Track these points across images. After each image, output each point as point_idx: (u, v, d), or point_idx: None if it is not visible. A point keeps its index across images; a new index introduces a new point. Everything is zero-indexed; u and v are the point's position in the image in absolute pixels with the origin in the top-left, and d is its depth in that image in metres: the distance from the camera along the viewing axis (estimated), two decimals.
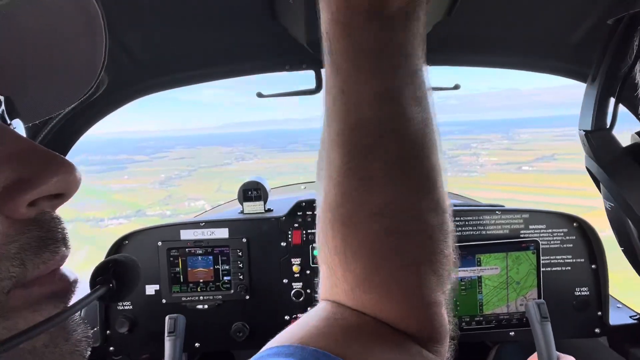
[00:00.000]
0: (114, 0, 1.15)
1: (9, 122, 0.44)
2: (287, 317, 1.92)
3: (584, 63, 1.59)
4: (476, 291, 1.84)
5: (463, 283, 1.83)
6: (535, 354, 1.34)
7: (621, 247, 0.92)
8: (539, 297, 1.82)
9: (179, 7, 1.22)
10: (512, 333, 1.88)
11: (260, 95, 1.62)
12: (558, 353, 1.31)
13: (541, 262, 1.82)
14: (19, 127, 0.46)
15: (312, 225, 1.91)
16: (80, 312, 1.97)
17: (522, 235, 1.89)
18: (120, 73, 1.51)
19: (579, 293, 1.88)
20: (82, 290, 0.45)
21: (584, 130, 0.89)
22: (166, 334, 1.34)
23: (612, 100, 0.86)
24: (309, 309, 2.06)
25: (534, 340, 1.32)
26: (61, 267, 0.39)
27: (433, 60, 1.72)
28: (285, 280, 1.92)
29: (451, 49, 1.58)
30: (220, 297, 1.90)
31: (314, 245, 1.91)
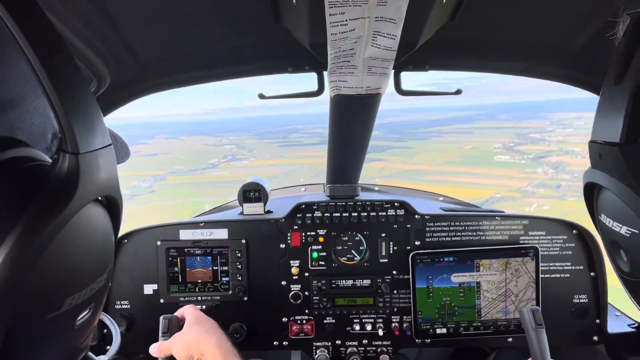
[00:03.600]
0: (120, 1, 1.15)
1: None
2: (284, 319, 1.91)
3: (586, 70, 1.59)
4: (474, 297, 1.83)
5: (462, 289, 1.83)
6: None
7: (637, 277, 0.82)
8: (537, 304, 1.82)
9: (183, 9, 1.23)
10: (510, 339, 1.88)
11: (262, 96, 1.62)
12: (552, 359, 1.31)
13: (540, 268, 1.82)
14: None
15: (312, 227, 1.92)
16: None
17: (521, 242, 1.89)
18: (123, 73, 1.51)
19: (578, 300, 1.88)
20: None
21: (606, 142, 0.78)
22: (160, 334, 1.33)
23: None
24: (306, 311, 2.06)
25: (529, 347, 1.32)
26: None
27: (436, 64, 1.73)
28: (283, 282, 1.91)
29: (454, 53, 1.58)
30: (218, 298, 1.89)
31: (313, 247, 1.92)
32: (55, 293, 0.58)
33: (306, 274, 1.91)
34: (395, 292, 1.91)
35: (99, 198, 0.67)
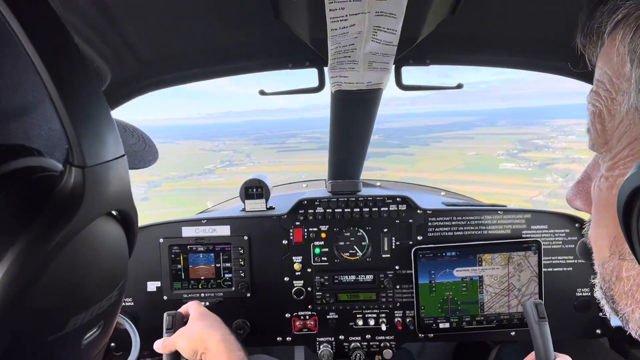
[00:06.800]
0: None
1: None
2: (287, 315, 1.92)
3: (588, 63, 1.58)
4: (477, 291, 1.84)
5: (464, 283, 1.83)
6: (532, 353, 1.34)
7: None
8: (540, 298, 1.82)
9: (183, 5, 1.22)
10: (512, 333, 1.88)
11: (262, 93, 1.61)
12: (555, 353, 1.31)
13: (542, 262, 1.82)
14: None
15: (314, 223, 1.92)
16: None
17: (523, 236, 1.89)
18: (124, 70, 1.51)
19: (580, 294, 1.88)
20: None
21: None
22: (164, 330, 1.35)
23: None
24: (309, 307, 2.07)
25: (532, 340, 1.32)
26: None
27: (437, 59, 1.72)
28: (286, 278, 1.92)
29: (455, 48, 1.57)
30: (221, 294, 1.90)
31: (315, 243, 1.92)
32: (58, 313, 0.54)
33: (309, 270, 1.92)
34: (397, 287, 1.91)
35: (112, 212, 0.63)
